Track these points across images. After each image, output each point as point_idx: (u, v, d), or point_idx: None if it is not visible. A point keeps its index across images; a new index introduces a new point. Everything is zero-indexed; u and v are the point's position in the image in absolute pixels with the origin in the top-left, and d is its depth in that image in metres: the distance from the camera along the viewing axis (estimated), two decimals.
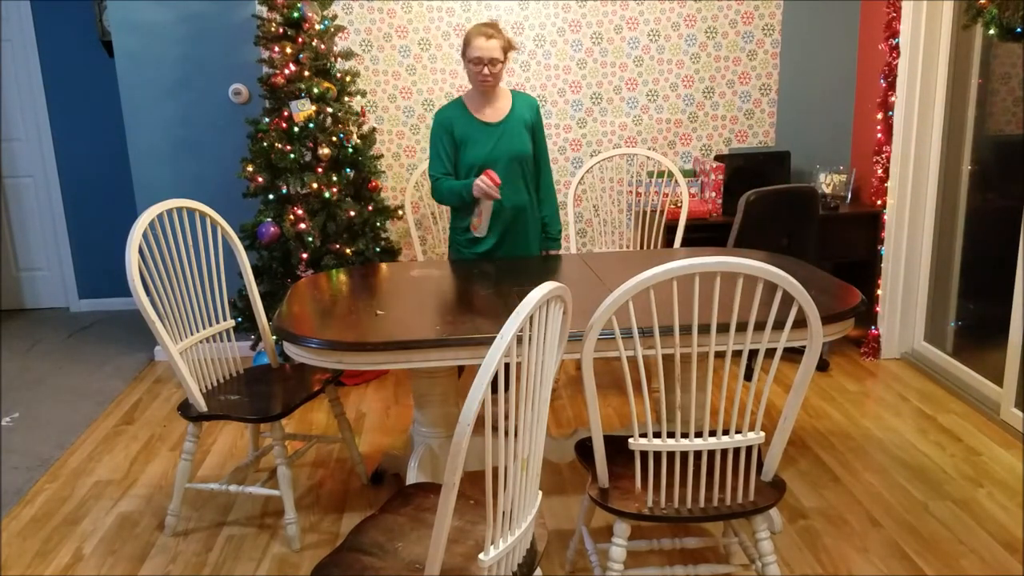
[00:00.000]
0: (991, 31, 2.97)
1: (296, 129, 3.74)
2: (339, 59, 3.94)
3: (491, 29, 3.00)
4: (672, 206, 4.11)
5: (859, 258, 4.24)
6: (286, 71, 3.71)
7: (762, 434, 1.97)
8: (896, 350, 4.18)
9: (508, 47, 3.04)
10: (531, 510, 1.68)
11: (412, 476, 2.62)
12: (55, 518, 2.90)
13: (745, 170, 4.23)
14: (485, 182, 2.94)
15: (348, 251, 3.84)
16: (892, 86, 3.94)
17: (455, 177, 3.16)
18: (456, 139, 3.12)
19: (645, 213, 4.13)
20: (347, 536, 1.83)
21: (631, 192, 4.24)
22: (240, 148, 4.19)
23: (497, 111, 3.13)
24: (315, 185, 3.75)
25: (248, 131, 4.03)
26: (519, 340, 1.42)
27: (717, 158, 4.33)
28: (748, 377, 3.76)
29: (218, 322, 2.88)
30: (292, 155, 3.73)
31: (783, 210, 3.76)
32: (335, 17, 3.92)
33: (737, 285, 1.81)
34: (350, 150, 3.82)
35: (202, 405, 2.62)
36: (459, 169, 3.14)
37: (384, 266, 3.13)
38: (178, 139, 4.28)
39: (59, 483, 3.15)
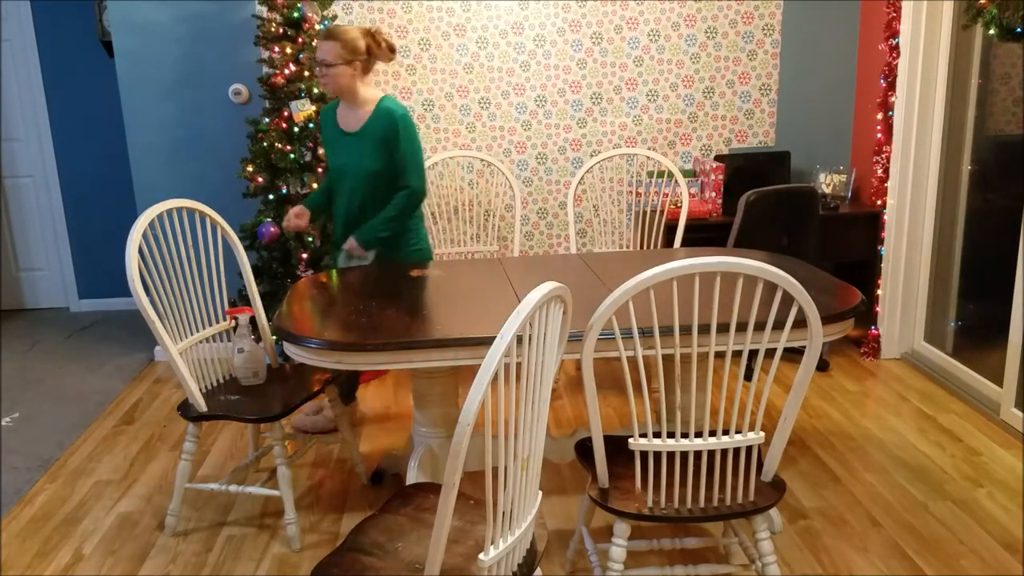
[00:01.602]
0: (991, 31, 2.97)
1: (296, 129, 3.74)
2: None
3: (329, 30, 2.93)
4: (672, 206, 4.10)
5: (859, 258, 4.23)
6: (286, 71, 3.71)
7: (762, 434, 1.97)
8: (896, 350, 4.18)
9: (346, 52, 2.89)
10: (531, 510, 1.68)
11: (412, 476, 2.62)
12: (55, 518, 2.90)
13: (745, 170, 4.22)
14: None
15: None
16: (892, 86, 3.94)
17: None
18: (323, 141, 3.17)
19: (645, 213, 4.13)
20: (347, 536, 1.83)
21: (631, 192, 4.24)
22: (240, 148, 4.19)
23: (356, 120, 3.03)
24: (315, 185, 3.75)
25: (248, 131, 4.03)
26: (519, 340, 1.42)
27: (717, 158, 4.33)
28: (748, 377, 3.76)
29: (218, 322, 2.89)
30: (292, 155, 3.73)
31: (783, 210, 3.76)
32: (335, 17, 3.92)
33: (737, 285, 1.81)
34: None
35: (202, 405, 2.62)
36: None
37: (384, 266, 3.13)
38: (178, 139, 4.28)
39: (59, 483, 3.15)
